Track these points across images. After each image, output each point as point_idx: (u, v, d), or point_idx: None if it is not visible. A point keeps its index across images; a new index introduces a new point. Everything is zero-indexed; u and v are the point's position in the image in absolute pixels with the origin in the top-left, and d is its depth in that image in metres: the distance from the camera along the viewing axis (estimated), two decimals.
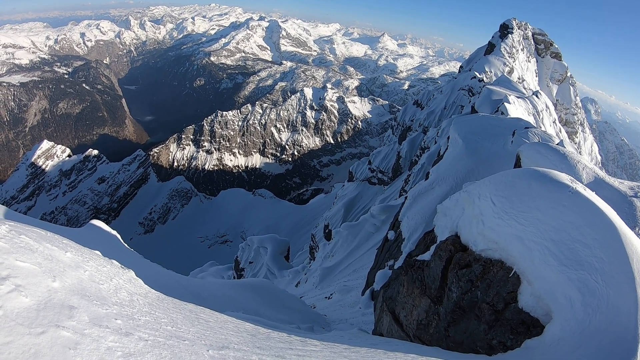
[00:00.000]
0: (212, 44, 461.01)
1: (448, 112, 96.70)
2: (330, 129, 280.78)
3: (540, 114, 61.36)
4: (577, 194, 6.87)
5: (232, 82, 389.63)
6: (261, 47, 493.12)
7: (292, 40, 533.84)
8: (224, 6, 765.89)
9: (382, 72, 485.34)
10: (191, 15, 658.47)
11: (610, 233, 6.11)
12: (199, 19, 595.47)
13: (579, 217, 6.38)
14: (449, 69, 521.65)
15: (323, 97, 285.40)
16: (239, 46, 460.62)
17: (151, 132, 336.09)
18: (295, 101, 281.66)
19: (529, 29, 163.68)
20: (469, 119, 31.00)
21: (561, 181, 7.27)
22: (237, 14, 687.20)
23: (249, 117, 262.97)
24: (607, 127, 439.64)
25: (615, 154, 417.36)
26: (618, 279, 5.69)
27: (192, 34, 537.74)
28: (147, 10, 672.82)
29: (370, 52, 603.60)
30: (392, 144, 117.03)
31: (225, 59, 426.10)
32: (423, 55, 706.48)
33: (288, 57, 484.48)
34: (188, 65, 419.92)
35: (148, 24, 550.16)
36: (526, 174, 7.75)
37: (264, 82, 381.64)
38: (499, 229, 7.18)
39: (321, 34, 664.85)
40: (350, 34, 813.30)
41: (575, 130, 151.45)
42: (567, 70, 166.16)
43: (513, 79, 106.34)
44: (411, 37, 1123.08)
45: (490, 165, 20.55)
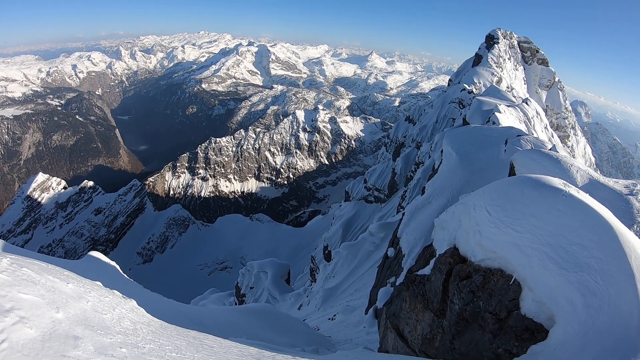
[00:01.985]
0: (202, 71, 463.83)
1: (440, 126, 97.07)
2: (324, 150, 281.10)
3: (531, 120, 61.48)
4: (570, 197, 6.93)
5: (224, 108, 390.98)
6: (251, 72, 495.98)
7: (281, 63, 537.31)
8: (213, 33, 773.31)
9: (372, 91, 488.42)
10: (181, 43, 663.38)
11: (606, 233, 6.17)
12: (188, 47, 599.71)
13: (575, 219, 6.45)
14: (438, 83, 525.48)
15: (315, 118, 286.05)
16: (230, 72, 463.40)
17: (146, 161, 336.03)
18: (287, 124, 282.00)
19: (514, 37, 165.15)
20: (461, 131, 31.09)
21: (554, 186, 7.35)
22: (226, 41, 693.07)
23: (243, 142, 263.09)
24: (598, 128, 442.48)
25: (609, 153, 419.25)
26: (618, 278, 5.74)
27: (182, 62, 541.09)
28: (138, 40, 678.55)
29: (359, 71, 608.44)
30: (387, 161, 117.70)
31: (217, 85, 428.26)
32: (412, 71, 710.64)
33: (278, 80, 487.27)
34: (180, 94, 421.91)
35: (139, 53, 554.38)
36: (519, 182, 7.82)
37: (256, 106, 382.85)
38: (496, 238, 7.22)
39: (310, 56, 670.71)
40: (339, 54, 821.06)
41: (567, 134, 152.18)
42: (555, 76, 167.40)
43: (502, 88, 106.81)
44: (399, 54, 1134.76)
45: (485, 175, 20.52)
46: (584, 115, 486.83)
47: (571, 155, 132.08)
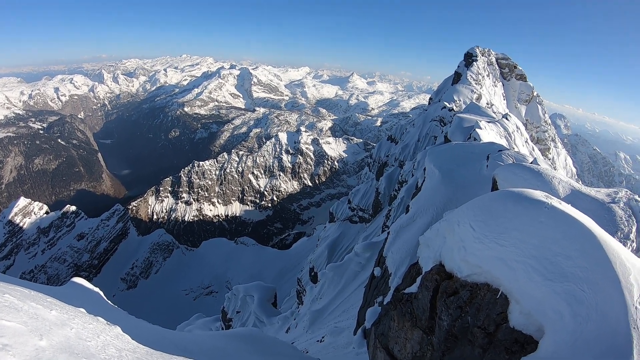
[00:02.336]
0: (185, 94, 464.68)
1: (422, 144, 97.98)
2: (308, 172, 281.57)
3: (511, 135, 62.28)
4: (553, 208, 7.02)
5: (207, 132, 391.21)
6: (234, 95, 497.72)
7: (263, 86, 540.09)
8: (195, 56, 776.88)
9: (354, 111, 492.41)
10: (163, 67, 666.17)
11: (589, 241, 6.28)
12: (171, 71, 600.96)
13: (557, 230, 6.53)
14: (419, 101, 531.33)
15: (298, 140, 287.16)
16: (212, 95, 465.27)
17: (128, 185, 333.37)
18: (270, 147, 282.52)
19: (492, 54, 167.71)
20: (443, 149, 31.21)
21: (536, 198, 7.45)
22: (208, 64, 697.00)
23: (226, 165, 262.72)
24: (578, 140, 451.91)
25: (590, 164, 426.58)
26: (604, 285, 5.83)
27: (165, 86, 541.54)
28: (120, 63, 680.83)
29: (341, 92, 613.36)
30: (370, 181, 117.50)
31: (199, 108, 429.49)
32: (393, 91, 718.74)
33: (261, 103, 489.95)
34: (162, 117, 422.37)
35: (121, 77, 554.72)
36: (502, 196, 7.96)
37: (239, 129, 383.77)
38: (480, 253, 7.27)
39: (292, 79, 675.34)
40: (320, 76, 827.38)
41: (547, 147, 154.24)
42: (534, 90, 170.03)
43: (482, 104, 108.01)
44: (379, 75, 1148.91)
45: (468, 191, 20.62)
46: (563, 127, 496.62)
47: (552, 167, 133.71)
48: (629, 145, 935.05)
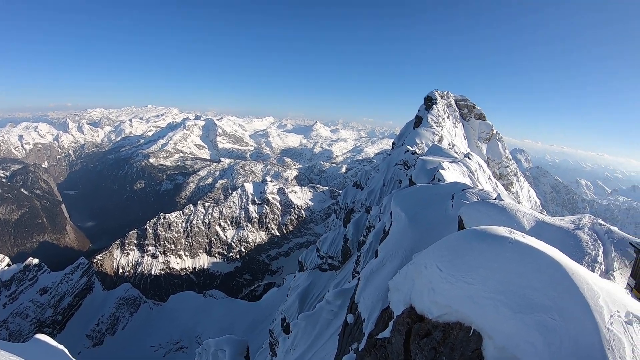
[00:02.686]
0: (150, 145, 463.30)
1: (387, 189, 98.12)
2: (275, 222, 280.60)
3: (474, 173, 62.71)
4: (516, 243, 7.23)
5: (172, 183, 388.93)
6: (199, 146, 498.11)
7: (228, 137, 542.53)
8: (160, 107, 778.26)
9: (318, 159, 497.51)
10: (128, 117, 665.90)
11: (555, 271, 6.51)
12: (136, 121, 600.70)
13: (523, 264, 6.75)
14: (382, 147, 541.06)
15: (264, 190, 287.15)
16: (177, 146, 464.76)
17: (93, 238, 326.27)
18: (237, 197, 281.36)
19: (451, 97, 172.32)
20: (408, 192, 31.82)
21: (500, 235, 7.69)
22: (173, 115, 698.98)
23: (192, 217, 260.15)
24: (539, 172, 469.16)
25: (553, 193, 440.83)
26: (574, 311, 6.03)
27: (130, 136, 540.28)
28: (85, 112, 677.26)
29: (305, 141, 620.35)
30: (338, 228, 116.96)
31: (164, 160, 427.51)
32: (356, 138, 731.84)
33: (226, 154, 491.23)
34: (127, 168, 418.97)
35: (86, 126, 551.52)
36: (466, 235, 8.19)
37: (204, 181, 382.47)
38: (449, 293, 7.40)
39: (256, 129, 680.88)
40: (284, 125, 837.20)
41: (510, 181, 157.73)
42: (493, 128, 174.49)
43: (444, 146, 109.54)
44: (343, 122, 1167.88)
45: (435, 232, 20.64)
46: (524, 161, 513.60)
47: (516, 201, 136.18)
48: (589, 171, 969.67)
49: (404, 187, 58.53)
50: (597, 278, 7.25)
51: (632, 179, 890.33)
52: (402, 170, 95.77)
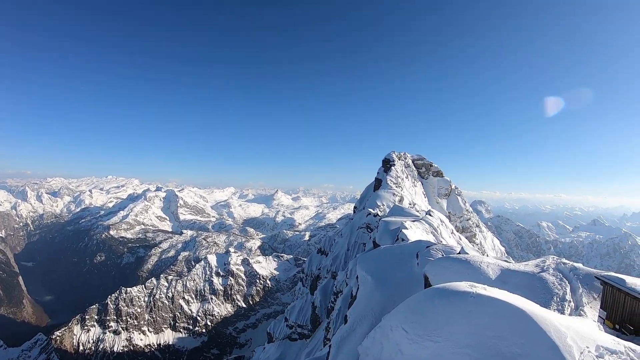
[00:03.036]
0: (110, 217, 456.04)
1: (352, 253, 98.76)
2: (241, 293, 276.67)
3: (437, 229, 64.85)
4: (478, 296, 7.26)
5: (134, 256, 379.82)
6: (160, 218, 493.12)
7: (190, 208, 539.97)
8: (121, 178, 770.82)
9: (281, 228, 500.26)
10: (89, 187, 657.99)
11: (520, 318, 6.51)
12: (96, 192, 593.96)
13: (487, 315, 6.77)
14: (344, 211, 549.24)
15: (228, 262, 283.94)
16: (138, 218, 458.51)
17: (52, 313, 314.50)
18: (200, 270, 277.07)
19: (408, 157, 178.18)
20: (373, 255, 32.24)
21: (461, 290, 7.69)
22: (134, 186, 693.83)
23: (155, 291, 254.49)
24: (501, 220, 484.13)
25: (516, 239, 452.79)
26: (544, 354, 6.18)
27: (90, 207, 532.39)
28: (45, 181, 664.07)
29: (267, 210, 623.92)
30: (305, 296, 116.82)
31: (125, 232, 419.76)
32: (318, 204, 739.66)
33: (188, 225, 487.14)
34: (87, 240, 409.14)
35: (45, 196, 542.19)
36: (428, 295, 8.20)
37: (167, 253, 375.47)
38: (417, 353, 7.41)
39: (218, 199, 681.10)
40: (246, 195, 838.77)
41: (473, 233, 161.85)
42: (451, 184, 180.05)
43: (405, 205, 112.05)
44: (304, 189, 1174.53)
45: (403, 292, 20.64)
46: (484, 212, 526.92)
47: (481, 251, 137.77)
48: (549, 213, 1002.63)
49: (368, 250, 59.20)
50: (563, 318, 7.69)
51: (592, 214, 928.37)
52: (365, 233, 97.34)
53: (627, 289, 20.87)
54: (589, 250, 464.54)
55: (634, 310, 20.59)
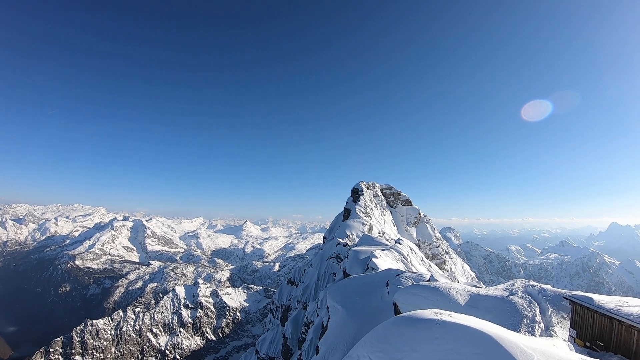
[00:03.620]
0: (76, 246, 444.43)
1: (322, 283, 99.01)
2: (210, 326, 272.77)
3: (407, 258, 65.30)
4: (444, 323, 7.35)
5: (100, 287, 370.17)
6: (127, 248, 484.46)
7: (157, 238, 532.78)
8: (87, 206, 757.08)
9: (250, 259, 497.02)
10: (54, 215, 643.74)
11: (485, 342, 6.60)
12: (62, 220, 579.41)
13: (453, 342, 6.80)
14: (313, 242, 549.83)
15: (196, 293, 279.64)
16: (105, 248, 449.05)
17: (14, 345, 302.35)
18: (168, 302, 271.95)
19: (377, 186, 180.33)
20: (343, 284, 32.74)
21: (427, 318, 7.86)
22: (101, 215, 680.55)
23: (122, 324, 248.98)
24: (470, 246, 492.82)
25: (486, 264, 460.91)
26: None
27: (55, 236, 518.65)
28: (9, 207, 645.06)
29: (236, 241, 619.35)
30: (276, 327, 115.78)
31: (91, 262, 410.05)
32: (287, 235, 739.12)
33: (155, 256, 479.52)
34: (52, 270, 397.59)
35: (9, 222, 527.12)
36: (394, 323, 8.21)
37: (134, 284, 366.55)
38: None
39: (186, 230, 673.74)
40: (214, 226, 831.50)
41: (443, 260, 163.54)
42: (420, 212, 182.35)
43: (374, 234, 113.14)
44: (273, 220, 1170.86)
45: (374, 321, 20.45)
46: (454, 238, 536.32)
47: (451, 277, 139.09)
48: (517, 237, 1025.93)
49: (338, 280, 58.59)
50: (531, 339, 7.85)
51: (559, 236, 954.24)
52: (335, 263, 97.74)
53: (595, 307, 21.92)
54: (559, 271, 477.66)
55: (603, 327, 21.53)
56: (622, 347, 20.42)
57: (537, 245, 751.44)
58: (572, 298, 22.71)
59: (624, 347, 20.27)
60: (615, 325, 20.66)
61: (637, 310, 20.12)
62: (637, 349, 19.54)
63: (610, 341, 21.09)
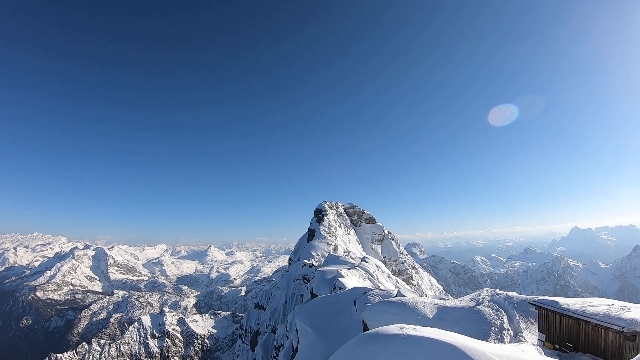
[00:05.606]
0: (37, 277, 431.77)
1: (290, 305, 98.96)
2: (178, 355, 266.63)
3: (374, 275, 66.35)
4: (409, 337, 7.37)
5: (62, 319, 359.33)
6: (89, 278, 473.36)
7: (120, 267, 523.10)
8: (47, 235, 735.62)
9: (216, 285, 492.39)
10: (13, 244, 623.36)
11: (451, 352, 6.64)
12: (21, 250, 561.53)
13: (419, 355, 6.75)
14: (279, 264, 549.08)
15: (163, 322, 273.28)
16: (66, 278, 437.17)
17: None
18: (134, 332, 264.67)
19: (340, 206, 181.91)
20: (311, 305, 32.59)
21: (392, 333, 7.81)
22: (61, 244, 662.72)
23: (87, 357, 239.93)
24: (436, 260, 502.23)
25: (452, 276, 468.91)
26: None
27: (14, 266, 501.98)
28: None
29: (200, 266, 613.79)
30: (246, 353, 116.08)
31: (53, 293, 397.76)
32: (252, 258, 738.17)
33: (119, 285, 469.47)
34: (12, 303, 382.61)
35: None
36: (360, 341, 8.31)
37: (98, 315, 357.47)
38: None
39: (149, 257, 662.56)
40: (178, 252, 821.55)
41: (410, 275, 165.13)
42: (384, 229, 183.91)
43: (339, 254, 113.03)
44: (237, 244, 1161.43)
45: (343, 340, 17.77)
46: (419, 253, 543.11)
47: (419, 292, 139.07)
48: (482, 247, 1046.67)
49: (306, 301, 59.07)
50: (498, 347, 7.88)
51: (523, 244, 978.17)
52: (302, 284, 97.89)
53: (560, 310, 22.43)
54: (524, 277, 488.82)
55: (570, 328, 22.13)
56: (590, 346, 21.17)
57: (501, 254, 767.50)
58: (538, 303, 23.31)
59: (593, 346, 21.03)
60: (582, 326, 21.46)
61: (602, 309, 20.85)
62: (605, 347, 20.29)
63: (578, 341, 21.82)
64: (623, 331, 18.93)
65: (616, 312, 20.17)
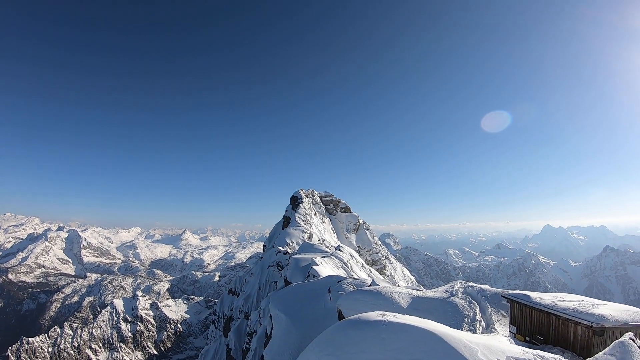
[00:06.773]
0: (9, 259, 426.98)
1: (264, 292, 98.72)
2: (151, 339, 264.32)
3: (348, 264, 66.47)
4: (390, 324, 7.55)
5: (34, 303, 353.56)
6: (62, 260, 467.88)
7: (94, 250, 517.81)
8: (20, 216, 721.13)
9: (190, 269, 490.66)
10: None
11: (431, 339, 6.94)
12: None
13: (400, 341, 6.97)
14: (253, 250, 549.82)
15: (136, 306, 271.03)
16: (39, 260, 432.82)
17: None
18: (107, 316, 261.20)
19: (316, 194, 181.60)
20: (285, 292, 32.78)
21: (373, 320, 8.04)
22: (34, 225, 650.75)
23: (59, 340, 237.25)
24: (409, 251, 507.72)
25: (425, 268, 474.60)
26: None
27: None
28: None
29: (174, 251, 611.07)
30: (219, 338, 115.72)
31: (25, 276, 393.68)
32: (226, 244, 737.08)
33: (92, 268, 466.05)
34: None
35: None
36: (341, 327, 8.32)
37: (70, 298, 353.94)
38: None
39: (123, 240, 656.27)
40: (152, 235, 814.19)
41: (384, 265, 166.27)
42: (359, 219, 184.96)
43: (314, 242, 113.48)
44: (212, 229, 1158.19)
45: (318, 327, 20.72)
46: (393, 244, 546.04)
47: (392, 282, 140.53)
48: (455, 241, 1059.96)
49: (280, 288, 59.23)
50: (473, 335, 8.03)
51: (495, 239, 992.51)
52: (276, 271, 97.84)
53: (532, 303, 23.07)
54: (496, 272, 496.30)
55: (541, 322, 22.71)
56: (560, 339, 21.70)
57: (474, 248, 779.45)
58: (511, 297, 24.00)
59: (563, 339, 21.57)
60: (553, 320, 22.02)
61: (572, 304, 21.43)
62: (574, 341, 20.81)
63: (549, 334, 22.38)
64: (592, 326, 19.46)
65: (586, 307, 20.78)
